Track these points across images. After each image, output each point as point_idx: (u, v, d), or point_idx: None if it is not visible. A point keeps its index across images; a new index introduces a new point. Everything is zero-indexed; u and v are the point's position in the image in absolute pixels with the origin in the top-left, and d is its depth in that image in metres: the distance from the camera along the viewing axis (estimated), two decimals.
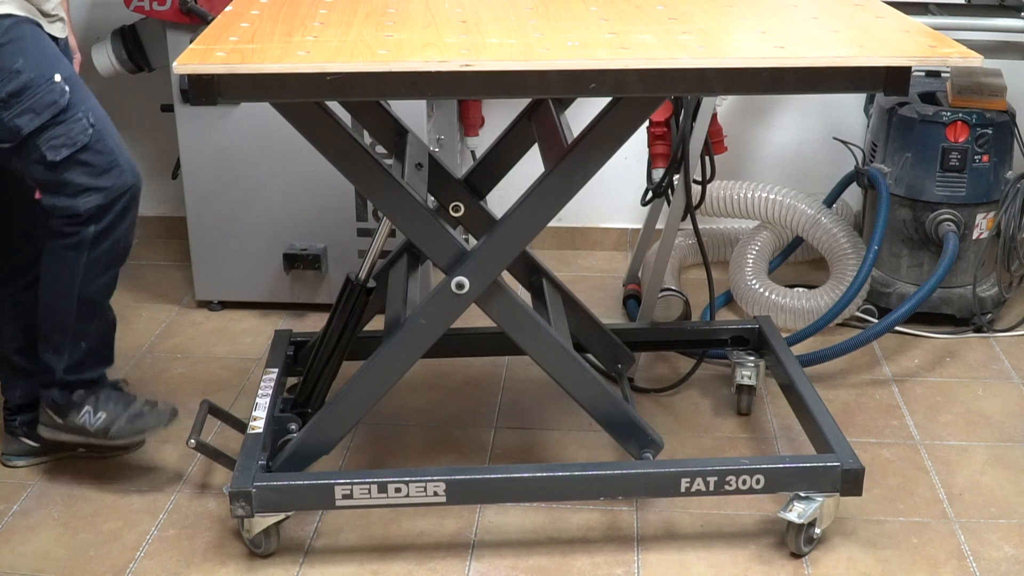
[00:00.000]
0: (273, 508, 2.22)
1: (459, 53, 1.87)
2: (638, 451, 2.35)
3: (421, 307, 2.25)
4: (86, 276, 2.31)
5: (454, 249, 2.21)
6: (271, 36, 1.99)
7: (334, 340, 2.44)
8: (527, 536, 2.37)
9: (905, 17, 2.19)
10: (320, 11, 2.19)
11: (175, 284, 3.56)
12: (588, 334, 2.73)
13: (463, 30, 2.04)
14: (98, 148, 2.25)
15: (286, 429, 2.43)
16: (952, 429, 2.78)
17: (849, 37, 2.03)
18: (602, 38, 1.99)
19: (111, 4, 3.34)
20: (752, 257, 3.34)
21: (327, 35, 2.00)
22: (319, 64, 1.83)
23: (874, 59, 1.90)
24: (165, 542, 2.36)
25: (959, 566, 2.28)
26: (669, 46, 1.94)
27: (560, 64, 1.86)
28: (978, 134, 3.07)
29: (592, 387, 2.33)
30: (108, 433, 2.45)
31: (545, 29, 2.05)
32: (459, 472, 2.26)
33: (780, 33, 2.06)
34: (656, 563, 2.29)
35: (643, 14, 2.18)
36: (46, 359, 2.42)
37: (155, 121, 3.51)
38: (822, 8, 2.29)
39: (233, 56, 1.85)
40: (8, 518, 2.44)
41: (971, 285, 3.20)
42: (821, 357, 2.97)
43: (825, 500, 2.25)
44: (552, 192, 2.18)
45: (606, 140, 2.15)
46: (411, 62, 1.84)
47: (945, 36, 2.04)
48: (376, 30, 2.03)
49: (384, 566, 2.29)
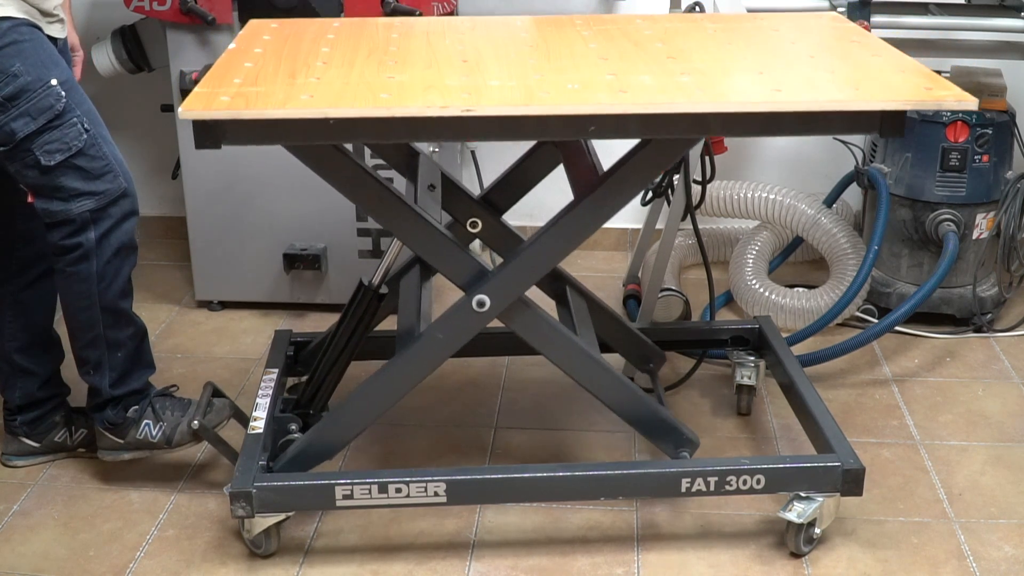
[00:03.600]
0: (274, 508, 2.22)
1: (460, 97, 1.89)
2: (674, 451, 2.35)
3: (440, 322, 2.25)
4: (101, 284, 2.31)
5: (472, 269, 2.22)
6: (274, 77, 2.01)
7: (342, 343, 2.45)
8: (527, 536, 2.37)
9: (901, 55, 2.21)
10: (323, 49, 2.22)
11: (175, 284, 3.56)
12: (616, 336, 2.73)
13: (464, 70, 2.06)
14: (92, 153, 2.25)
15: (286, 429, 2.43)
16: (952, 429, 2.78)
17: (845, 78, 2.05)
18: (602, 79, 2.01)
19: (111, 4, 3.34)
20: (752, 257, 3.34)
21: (330, 76, 2.01)
22: (322, 109, 1.85)
23: (869, 103, 1.93)
24: (165, 542, 2.36)
25: (959, 566, 2.28)
26: (668, 89, 1.96)
27: (560, 109, 1.89)
28: (978, 134, 3.07)
29: (622, 391, 2.34)
30: (172, 441, 2.46)
31: (545, 69, 2.07)
32: (459, 472, 2.26)
33: (777, 74, 2.07)
34: (656, 563, 2.29)
35: (642, 52, 2.20)
36: (89, 382, 2.42)
37: (155, 121, 3.51)
38: (820, 45, 2.30)
39: (237, 101, 1.87)
40: (8, 518, 2.44)
41: (971, 285, 3.20)
42: (821, 357, 2.97)
43: (825, 500, 2.25)
44: (581, 221, 2.20)
45: (638, 176, 2.20)
46: (413, 107, 1.86)
47: (940, 77, 2.05)
48: (378, 70, 2.05)
49: (384, 566, 2.29)
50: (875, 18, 2.91)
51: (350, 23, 2.48)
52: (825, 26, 2.49)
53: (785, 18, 2.58)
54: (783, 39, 2.36)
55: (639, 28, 2.42)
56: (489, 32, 2.42)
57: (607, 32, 2.38)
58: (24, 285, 2.50)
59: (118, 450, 2.48)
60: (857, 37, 2.36)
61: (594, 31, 2.38)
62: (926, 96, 1.95)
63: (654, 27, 2.43)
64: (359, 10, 2.97)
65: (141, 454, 2.48)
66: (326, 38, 2.31)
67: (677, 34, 2.37)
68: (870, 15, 2.90)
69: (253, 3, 2.98)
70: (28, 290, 2.50)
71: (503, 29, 2.44)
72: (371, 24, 2.48)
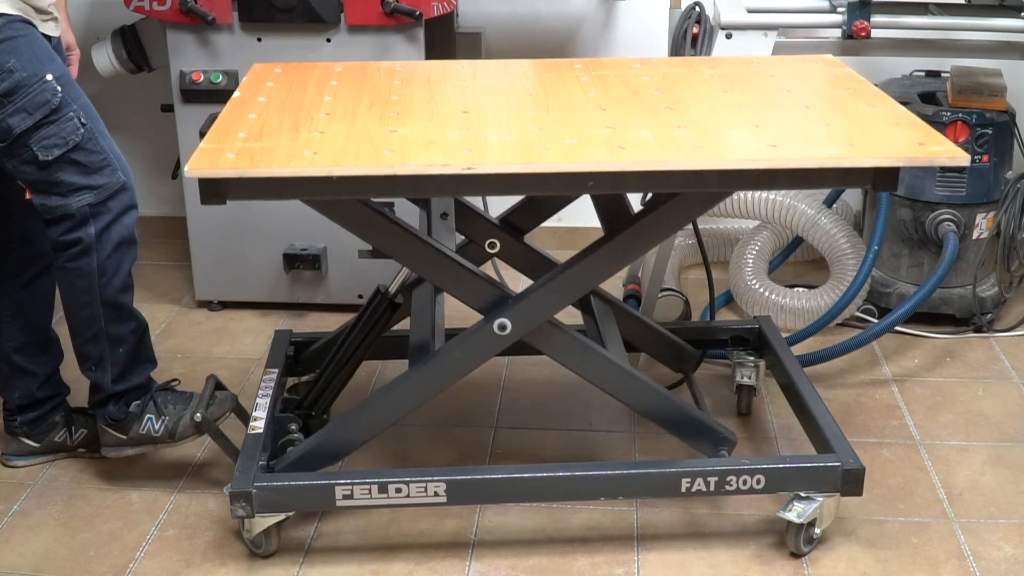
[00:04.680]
0: (274, 508, 2.22)
1: (461, 154, 1.92)
2: (713, 450, 2.36)
3: (459, 341, 2.26)
4: (102, 279, 2.30)
5: (490, 295, 2.24)
6: (278, 131, 2.04)
7: (352, 348, 2.47)
8: (527, 536, 2.37)
9: (895, 105, 2.24)
10: (326, 98, 2.24)
11: (175, 284, 3.56)
12: (645, 339, 2.74)
13: (465, 122, 2.09)
14: (90, 147, 2.25)
15: (286, 429, 2.43)
16: (952, 429, 2.78)
17: (840, 132, 2.07)
18: (600, 134, 2.04)
19: (111, 4, 3.34)
20: (752, 257, 3.34)
21: (333, 129, 2.04)
22: (326, 168, 1.88)
23: (863, 160, 1.96)
24: (165, 542, 2.35)
25: (959, 566, 2.28)
26: (665, 144, 1.99)
27: (559, 167, 1.92)
28: (978, 134, 3.07)
29: (655, 398, 2.36)
30: (175, 435, 2.45)
31: (545, 122, 2.10)
32: (459, 472, 2.26)
33: (773, 126, 2.10)
34: (656, 563, 2.29)
35: (640, 102, 2.22)
36: (91, 378, 2.42)
37: (155, 121, 3.51)
38: (815, 93, 2.33)
39: (242, 158, 1.90)
40: (8, 518, 2.44)
41: (971, 285, 3.20)
42: (821, 357, 2.97)
43: (825, 500, 2.25)
44: (610, 257, 2.24)
45: (668, 223, 2.25)
46: (415, 166, 1.89)
47: (936, 133, 2.07)
48: (381, 122, 2.08)
49: (384, 566, 2.29)
50: (875, 18, 2.91)
51: (352, 68, 2.52)
52: (820, 72, 2.51)
53: (781, 62, 2.61)
54: (779, 87, 2.39)
55: (637, 74, 2.45)
56: (489, 79, 2.44)
57: (605, 79, 2.40)
58: (22, 285, 2.50)
59: (121, 446, 2.47)
60: (852, 84, 2.39)
61: (592, 77, 2.41)
62: (919, 152, 1.99)
63: (651, 72, 2.46)
64: (359, 10, 2.98)
65: (144, 449, 2.48)
66: (329, 85, 2.34)
67: (674, 81, 2.40)
68: (870, 15, 2.90)
69: (253, 3, 2.98)
70: (26, 290, 2.50)
71: (503, 75, 2.47)
72: (373, 69, 2.50)
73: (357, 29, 3.02)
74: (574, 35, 3.66)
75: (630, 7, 3.59)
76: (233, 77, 3.07)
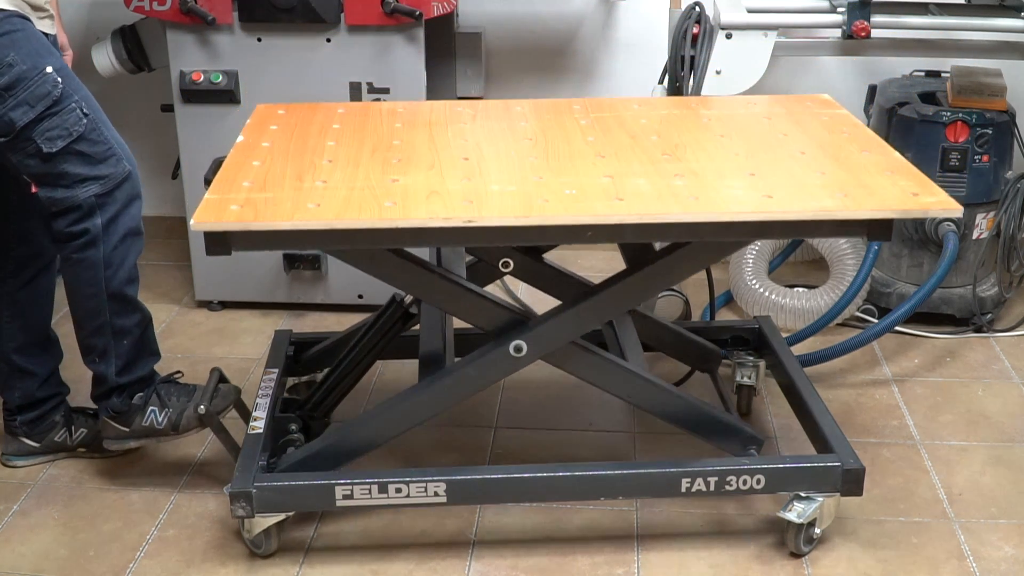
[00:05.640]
0: (274, 508, 2.22)
1: (462, 206, 1.96)
2: (742, 450, 2.37)
3: (473, 360, 2.28)
4: (108, 271, 2.30)
5: (503, 318, 2.26)
6: (282, 180, 2.07)
7: (362, 355, 2.48)
8: (527, 536, 2.37)
9: (889, 150, 2.27)
10: (328, 143, 2.28)
11: (175, 284, 3.56)
12: (669, 342, 2.75)
13: (466, 171, 2.12)
14: (93, 137, 2.24)
15: (286, 429, 2.43)
16: (952, 429, 2.78)
17: (835, 181, 2.09)
18: (599, 183, 2.07)
19: (111, 4, 3.35)
20: (752, 257, 3.34)
21: (336, 179, 2.07)
22: (328, 222, 1.92)
23: (857, 213, 1.99)
24: (165, 542, 2.35)
25: (959, 566, 2.28)
26: (663, 195, 2.02)
27: (558, 220, 1.95)
28: (978, 134, 3.07)
29: (678, 404, 2.38)
30: (178, 427, 2.43)
31: (544, 170, 2.13)
32: (459, 472, 2.26)
33: (769, 175, 2.13)
34: (656, 563, 2.29)
35: (638, 147, 2.26)
36: (95, 370, 2.41)
37: (155, 121, 3.51)
38: (811, 139, 2.35)
39: (246, 211, 1.94)
40: (8, 518, 2.44)
41: (971, 285, 3.20)
42: (821, 357, 2.97)
43: (825, 500, 2.25)
44: (631, 290, 2.27)
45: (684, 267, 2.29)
46: (416, 219, 1.93)
47: (929, 181, 2.10)
48: (383, 171, 2.11)
49: (384, 566, 2.29)
50: (875, 18, 2.91)
51: (354, 110, 2.55)
52: (816, 114, 2.53)
53: (777, 103, 2.63)
54: (775, 130, 2.41)
55: (635, 116, 2.48)
56: (489, 123, 2.46)
57: (604, 122, 2.43)
58: (21, 284, 2.50)
59: (123, 438, 2.46)
60: (847, 128, 2.42)
61: (591, 120, 2.45)
62: (913, 205, 2.01)
63: (649, 115, 2.49)
64: (359, 10, 2.98)
65: (147, 441, 2.46)
66: (332, 129, 2.37)
67: (672, 125, 2.43)
68: (870, 15, 2.90)
69: (253, 3, 2.98)
70: (25, 289, 2.50)
71: (503, 118, 2.50)
72: (375, 111, 2.53)
73: (357, 29, 3.02)
74: (574, 35, 3.66)
75: (630, 7, 3.59)
76: (233, 77, 3.07)
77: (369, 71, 3.07)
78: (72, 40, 2.56)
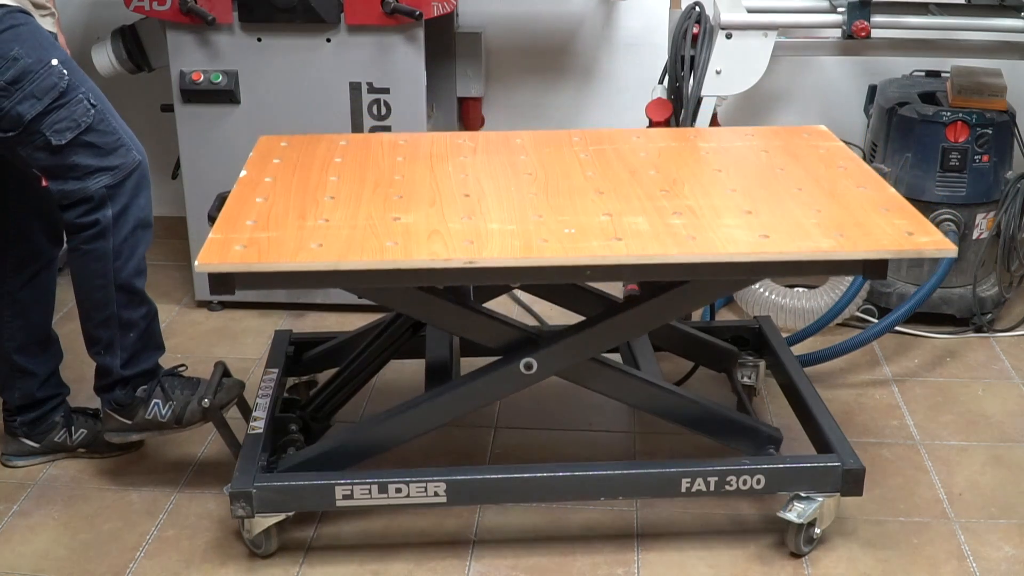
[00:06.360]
0: (274, 508, 2.22)
1: (462, 247, 1.98)
2: (760, 449, 2.38)
3: (484, 374, 2.29)
4: (117, 262, 2.29)
5: (511, 336, 2.29)
6: (285, 218, 2.10)
7: (370, 360, 2.49)
8: (527, 536, 2.37)
9: (884, 185, 2.29)
10: (331, 178, 2.30)
11: (175, 284, 3.56)
12: (684, 345, 2.76)
13: (466, 208, 2.15)
14: (102, 128, 2.24)
15: (286, 429, 2.43)
16: (952, 429, 2.78)
17: (831, 220, 2.11)
18: (597, 222, 2.09)
19: (111, 4, 3.35)
20: None
21: (338, 217, 2.10)
22: (331, 263, 1.95)
23: (852, 254, 2.01)
24: (165, 542, 2.35)
25: (959, 566, 2.28)
26: (660, 235, 2.04)
27: (556, 261, 1.98)
28: (978, 134, 3.07)
29: (691, 408, 2.39)
30: (182, 420, 2.43)
31: (544, 208, 2.15)
32: (459, 472, 2.26)
33: (765, 213, 2.15)
34: (656, 563, 2.29)
35: (636, 182, 2.28)
36: (100, 362, 2.40)
37: (155, 121, 3.50)
38: (807, 174, 2.36)
39: (250, 251, 1.96)
40: (8, 518, 2.44)
41: (971, 285, 3.20)
42: (821, 357, 2.97)
43: (825, 500, 2.25)
44: (645, 317, 2.29)
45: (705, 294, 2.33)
46: (418, 261, 1.95)
47: (924, 219, 2.12)
48: (384, 209, 2.14)
49: (384, 566, 2.29)
50: (875, 18, 2.91)
51: (356, 142, 2.56)
52: (813, 147, 2.54)
53: (775, 135, 2.64)
54: (772, 164, 2.42)
55: (634, 148, 2.50)
56: (490, 157, 2.47)
57: (603, 155, 2.45)
58: (21, 284, 2.50)
59: (126, 431, 2.45)
60: (844, 162, 2.43)
61: (591, 153, 2.47)
62: (907, 245, 2.04)
63: (648, 147, 2.52)
64: (359, 10, 2.98)
65: (149, 435, 2.46)
66: (334, 163, 2.39)
67: (670, 159, 2.45)
68: (870, 15, 2.90)
69: (253, 3, 2.98)
70: (26, 288, 2.50)
71: (503, 151, 2.51)
72: (376, 144, 2.54)
73: (357, 29, 3.02)
74: (574, 35, 3.66)
75: (630, 7, 3.59)
76: (233, 77, 3.07)
77: (369, 71, 3.07)
78: (72, 40, 2.56)
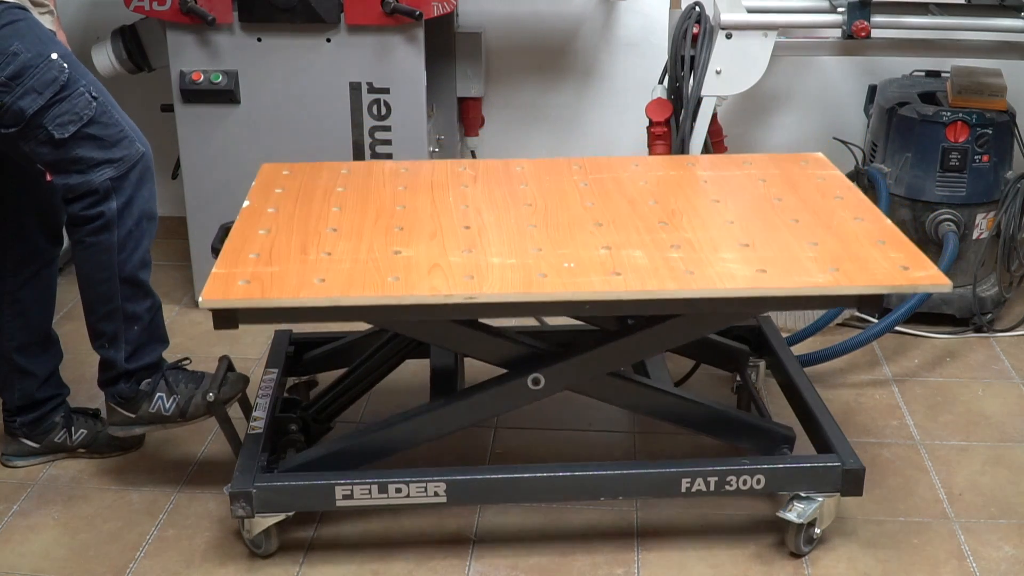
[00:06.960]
0: (274, 508, 2.22)
1: (463, 282, 2.00)
2: (774, 450, 2.39)
3: (491, 387, 2.30)
4: (121, 255, 2.29)
5: (517, 352, 2.30)
6: (287, 252, 2.12)
7: (376, 366, 2.50)
8: (527, 536, 2.37)
9: (881, 217, 2.30)
10: (333, 208, 2.32)
11: (175, 284, 3.56)
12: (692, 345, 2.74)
13: (467, 240, 2.17)
14: (104, 120, 2.24)
15: (286, 429, 2.43)
16: (952, 429, 2.78)
17: (827, 253, 2.13)
18: (597, 255, 2.12)
19: (111, 4, 3.34)
20: None
21: (340, 250, 2.12)
22: (333, 298, 1.97)
23: (847, 289, 2.04)
24: (165, 542, 2.35)
25: (959, 566, 2.28)
26: (659, 269, 2.07)
27: (556, 296, 2.00)
28: (978, 134, 3.07)
29: (703, 412, 2.41)
30: (186, 414, 2.42)
31: (543, 241, 2.18)
32: (459, 472, 2.26)
33: (762, 246, 2.17)
34: (656, 563, 2.29)
35: (635, 213, 2.31)
36: (104, 355, 2.39)
37: (155, 121, 3.50)
38: (804, 205, 2.37)
39: (254, 287, 1.98)
40: (8, 518, 2.44)
41: (971, 285, 3.19)
42: (821, 357, 2.97)
43: (825, 500, 2.25)
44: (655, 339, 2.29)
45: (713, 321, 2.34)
46: (419, 296, 1.97)
47: (919, 253, 2.13)
48: (386, 241, 2.16)
49: (384, 566, 2.29)
50: (875, 18, 2.91)
51: (358, 171, 2.57)
52: (811, 176, 2.54)
53: (773, 163, 2.64)
54: (769, 195, 2.43)
55: (633, 178, 2.52)
56: (490, 187, 2.49)
57: (602, 184, 2.47)
58: (21, 283, 2.50)
59: (130, 425, 2.44)
60: (841, 192, 2.43)
61: (590, 182, 2.48)
62: (902, 280, 2.05)
63: (647, 176, 2.53)
64: (359, 10, 2.98)
65: (153, 428, 2.45)
66: (336, 192, 2.41)
67: (669, 188, 2.47)
68: (870, 15, 2.90)
69: (253, 3, 2.98)
70: (26, 288, 2.50)
71: (503, 181, 2.52)
72: (377, 172, 2.55)
73: (357, 29, 3.02)
74: (574, 35, 3.66)
75: (630, 7, 3.59)
76: (233, 77, 3.07)
77: (369, 71, 3.07)
78: (72, 40, 2.55)
